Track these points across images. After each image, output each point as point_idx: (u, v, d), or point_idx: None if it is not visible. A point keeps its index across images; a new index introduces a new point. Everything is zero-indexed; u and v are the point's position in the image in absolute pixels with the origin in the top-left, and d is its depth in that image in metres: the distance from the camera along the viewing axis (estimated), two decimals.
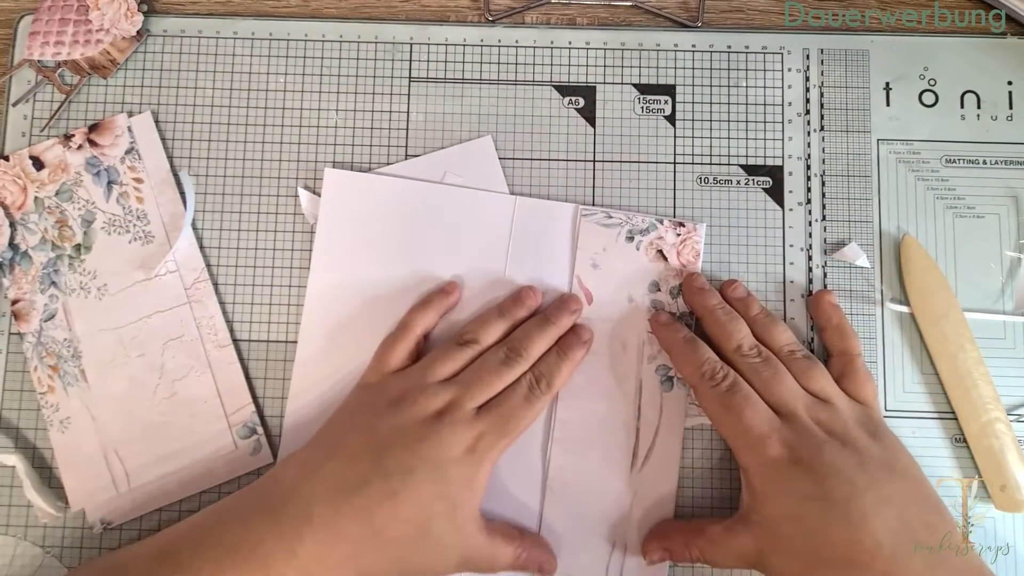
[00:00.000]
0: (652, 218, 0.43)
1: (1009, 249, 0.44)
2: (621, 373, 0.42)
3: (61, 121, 0.45)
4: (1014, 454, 0.40)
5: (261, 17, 0.46)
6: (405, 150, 0.45)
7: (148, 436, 0.42)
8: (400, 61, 0.45)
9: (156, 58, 0.45)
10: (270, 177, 0.44)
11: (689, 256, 0.43)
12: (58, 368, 0.42)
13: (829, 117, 0.45)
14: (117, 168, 0.44)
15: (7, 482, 0.42)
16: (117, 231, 0.43)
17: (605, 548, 0.41)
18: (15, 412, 0.42)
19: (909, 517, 0.34)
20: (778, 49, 0.46)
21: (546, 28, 0.46)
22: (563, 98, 0.45)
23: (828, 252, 0.44)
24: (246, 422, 0.42)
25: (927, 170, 0.44)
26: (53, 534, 0.41)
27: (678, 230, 0.43)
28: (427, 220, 0.43)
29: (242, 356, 0.43)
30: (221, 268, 0.44)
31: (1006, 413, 0.41)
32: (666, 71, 0.45)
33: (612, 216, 0.43)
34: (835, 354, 0.41)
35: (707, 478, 0.42)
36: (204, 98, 0.45)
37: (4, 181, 0.43)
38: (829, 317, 0.42)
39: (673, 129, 0.45)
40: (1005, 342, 0.43)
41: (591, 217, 0.43)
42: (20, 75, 0.45)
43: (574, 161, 0.45)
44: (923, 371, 0.43)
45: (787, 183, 0.44)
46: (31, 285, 0.43)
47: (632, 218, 0.43)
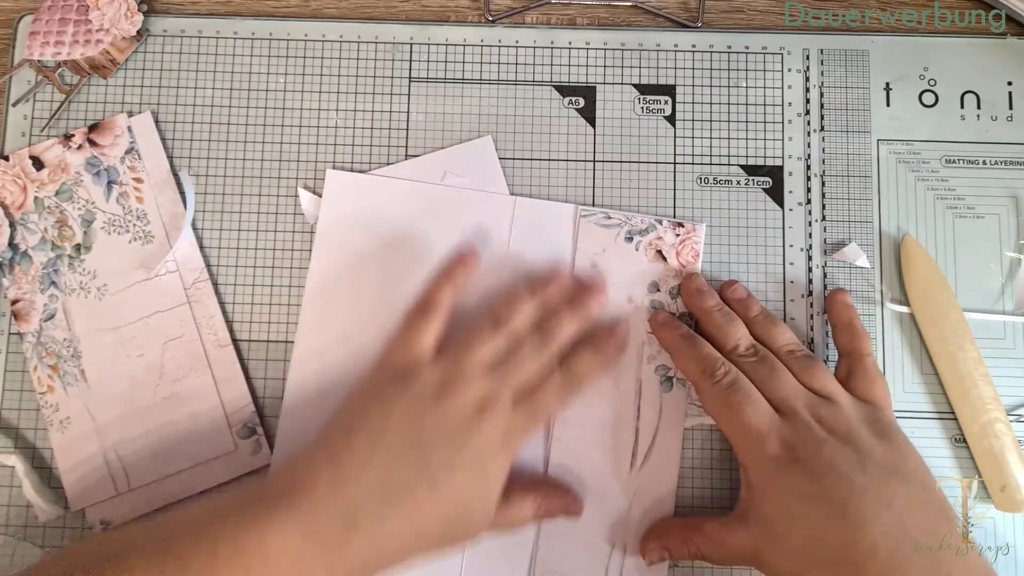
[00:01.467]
0: (651, 218, 0.43)
1: (1009, 249, 0.44)
2: (620, 373, 0.42)
3: (61, 121, 0.45)
4: (1014, 454, 0.40)
5: (261, 17, 0.46)
6: (405, 150, 0.45)
7: (148, 436, 0.42)
8: (400, 61, 0.45)
9: (156, 58, 0.45)
10: (270, 177, 0.44)
11: (688, 257, 0.43)
12: (58, 368, 0.42)
13: (829, 117, 0.45)
14: (117, 168, 0.44)
15: (7, 482, 0.42)
16: (117, 231, 0.43)
17: (604, 548, 0.41)
18: (15, 412, 0.42)
19: (910, 521, 0.34)
20: (778, 49, 0.46)
21: (546, 28, 0.46)
22: (563, 98, 0.45)
23: (828, 252, 0.44)
24: (246, 422, 0.42)
25: (927, 170, 0.44)
26: (53, 534, 0.41)
27: (677, 231, 0.43)
28: (428, 221, 0.43)
29: (242, 356, 0.43)
30: (221, 268, 0.44)
31: (1006, 413, 0.41)
32: (666, 71, 0.45)
33: (611, 216, 0.43)
34: (844, 353, 0.41)
35: (706, 477, 0.42)
36: (204, 98, 0.45)
37: (4, 181, 0.43)
38: (840, 315, 0.42)
39: (673, 129, 0.45)
40: (1005, 342, 0.43)
41: (590, 218, 0.43)
42: (20, 75, 0.45)
43: (574, 161, 0.45)
44: (923, 371, 0.43)
45: (787, 183, 0.44)
46: (31, 285, 0.43)
47: (631, 218, 0.43)
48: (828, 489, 0.35)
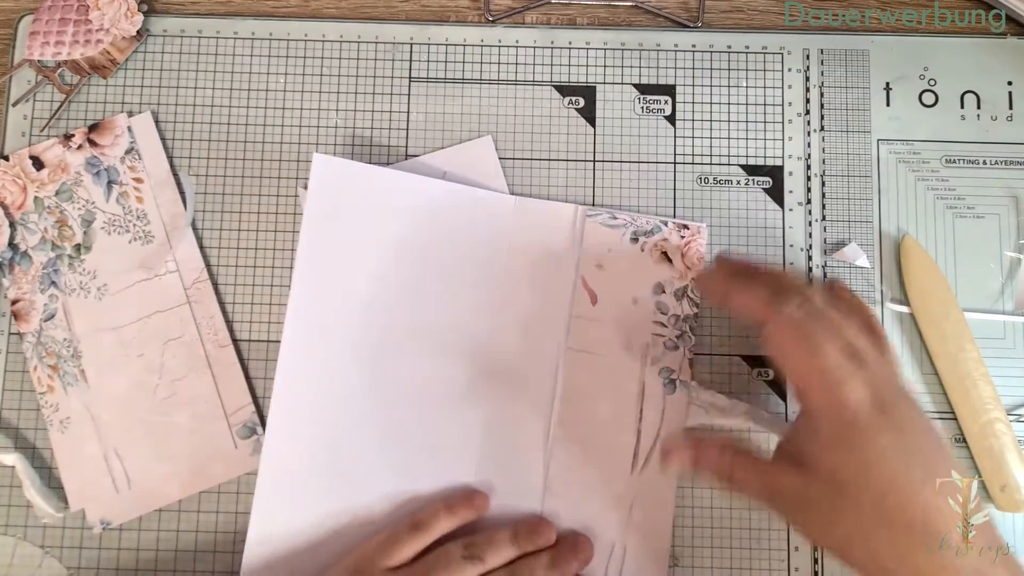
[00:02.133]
0: (657, 219, 0.43)
1: (1009, 249, 0.44)
2: (624, 374, 0.42)
3: (61, 121, 0.45)
4: (1014, 454, 0.40)
5: (261, 17, 0.46)
6: (405, 150, 0.45)
7: (148, 436, 0.42)
8: (400, 61, 0.45)
9: (156, 58, 0.45)
10: (270, 177, 0.44)
11: (693, 259, 0.43)
12: (58, 368, 0.42)
13: (829, 117, 0.45)
14: (117, 168, 0.44)
15: (7, 482, 0.42)
16: (117, 231, 0.43)
17: (605, 549, 0.41)
18: (15, 412, 0.42)
19: None
20: (778, 49, 0.46)
21: (546, 28, 0.46)
22: (563, 98, 0.45)
23: (828, 252, 0.44)
24: (246, 422, 0.42)
25: (927, 170, 0.44)
26: (53, 534, 0.41)
27: (682, 232, 0.43)
28: (424, 216, 0.43)
29: (242, 356, 0.43)
30: (221, 268, 0.44)
31: (1006, 413, 0.41)
32: (666, 71, 0.45)
33: (617, 217, 0.43)
34: None
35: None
36: (204, 98, 0.45)
37: (4, 181, 0.43)
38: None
39: (673, 129, 0.45)
40: (1005, 342, 0.43)
41: (596, 218, 0.43)
42: (20, 75, 0.45)
43: (574, 161, 0.45)
44: (923, 371, 0.43)
45: (787, 183, 0.44)
46: (31, 285, 0.43)
47: (636, 219, 0.43)
48: (918, 444, 0.32)
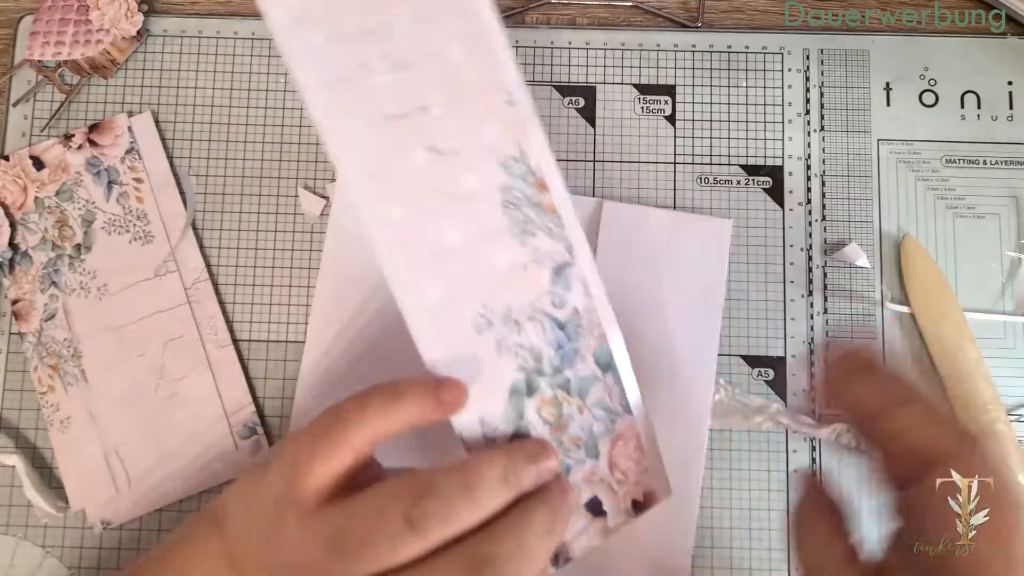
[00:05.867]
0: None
1: (1009, 249, 0.44)
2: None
3: (61, 121, 0.45)
4: (1014, 454, 0.40)
5: (261, 17, 0.46)
6: None
7: (148, 436, 0.42)
8: None
9: (156, 58, 0.45)
10: (270, 177, 0.44)
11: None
12: (58, 368, 0.42)
13: (829, 117, 0.45)
14: (117, 168, 0.44)
15: (7, 482, 0.42)
16: (117, 231, 0.43)
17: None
18: (15, 412, 0.42)
19: None
20: (778, 49, 0.46)
21: (546, 28, 0.46)
22: (563, 98, 0.45)
23: (828, 252, 0.44)
24: (246, 422, 0.42)
25: (927, 170, 0.44)
26: (53, 534, 0.41)
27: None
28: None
29: (242, 356, 0.43)
30: (221, 268, 0.44)
31: (1006, 413, 0.41)
32: (666, 71, 0.45)
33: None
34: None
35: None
36: (204, 98, 0.45)
37: (4, 181, 0.43)
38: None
39: (673, 129, 0.45)
40: (1005, 342, 0.43)
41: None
42: (20, 75, 0.45)
43: (574, 161, 0.45)
44: (923, 371, 0.43)
45: (787, 183, 0.44)
46: (31, 285, 0.43)
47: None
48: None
